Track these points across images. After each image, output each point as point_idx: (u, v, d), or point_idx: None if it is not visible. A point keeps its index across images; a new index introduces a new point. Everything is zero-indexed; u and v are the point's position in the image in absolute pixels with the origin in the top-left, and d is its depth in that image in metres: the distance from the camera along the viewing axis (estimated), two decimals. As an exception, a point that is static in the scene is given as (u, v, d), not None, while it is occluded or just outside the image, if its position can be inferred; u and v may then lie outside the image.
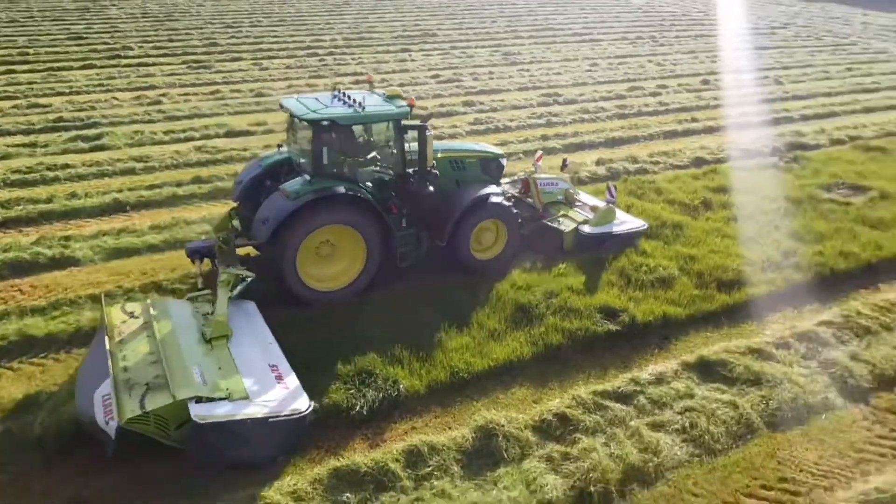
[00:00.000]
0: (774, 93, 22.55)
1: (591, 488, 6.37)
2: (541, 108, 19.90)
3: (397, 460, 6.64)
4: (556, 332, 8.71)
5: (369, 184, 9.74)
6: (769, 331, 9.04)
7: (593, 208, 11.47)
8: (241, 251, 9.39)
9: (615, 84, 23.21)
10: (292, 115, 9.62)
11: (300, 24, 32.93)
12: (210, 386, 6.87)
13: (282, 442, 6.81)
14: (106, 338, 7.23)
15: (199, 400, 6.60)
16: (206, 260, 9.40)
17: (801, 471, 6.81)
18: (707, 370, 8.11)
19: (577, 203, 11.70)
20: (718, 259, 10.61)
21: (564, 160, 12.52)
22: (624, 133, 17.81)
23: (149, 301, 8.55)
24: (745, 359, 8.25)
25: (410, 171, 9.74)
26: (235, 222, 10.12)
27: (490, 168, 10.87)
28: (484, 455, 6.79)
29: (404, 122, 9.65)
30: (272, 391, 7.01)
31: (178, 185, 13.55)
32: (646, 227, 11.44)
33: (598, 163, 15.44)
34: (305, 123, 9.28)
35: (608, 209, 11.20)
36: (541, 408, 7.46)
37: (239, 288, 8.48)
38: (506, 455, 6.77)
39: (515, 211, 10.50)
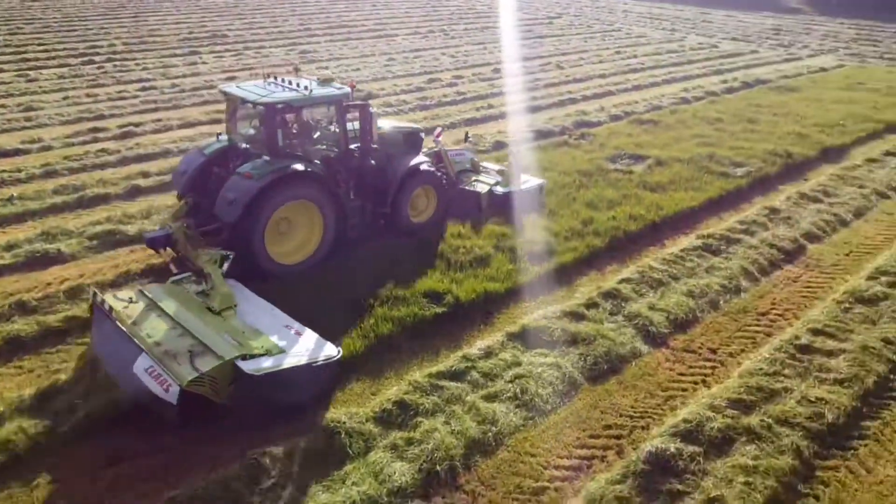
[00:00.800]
0: (557, 77, 24.33)
1: (438, 467, 6.53)
2: (344, 105, 19.82)
3: (238, 477, 6.33)
4: (385, 321, 8.77)
5: (317, 161, 10.27)
6: (578, 294, 9.79)
7: (499, 172, 12.95)
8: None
9: (413, 77, 23.74)
10: (243, 101, 10.06)
11: (70, 30, 29.98)
12: (246, 347, 7.39)
13: (321, 385, 7.58)
14: (117, 322, 7.75)
15: (243, 358, 7.18)
16: (168, 248, 9.93)
17: (621, 416, 7.47)
18: (530, 337, 8.60)
19: (482, 170, 13.07)
20: (528, 234, 11.29)
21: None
22: (428, 123, 18.23)
23: (138, 288, 8.73)
24: (562, 322, 8.87)
25: (353, 147, 10.55)
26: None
27: (412, 141, 11.86)
28: (329, 455, 6.68)
29: (346, 102, 10.33)
30: (300, 344, 7.71)
31: (-62, 216, 11.81)
32: (545, 182, 13.09)
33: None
34: (260, 108, 9.79)
35: (514, 171, 12.64)
36: (380, 398, 7.49)
37: (226, 265, 8.90)
38: (351, 451, 6.71)
39: (443, 178, 11.68)
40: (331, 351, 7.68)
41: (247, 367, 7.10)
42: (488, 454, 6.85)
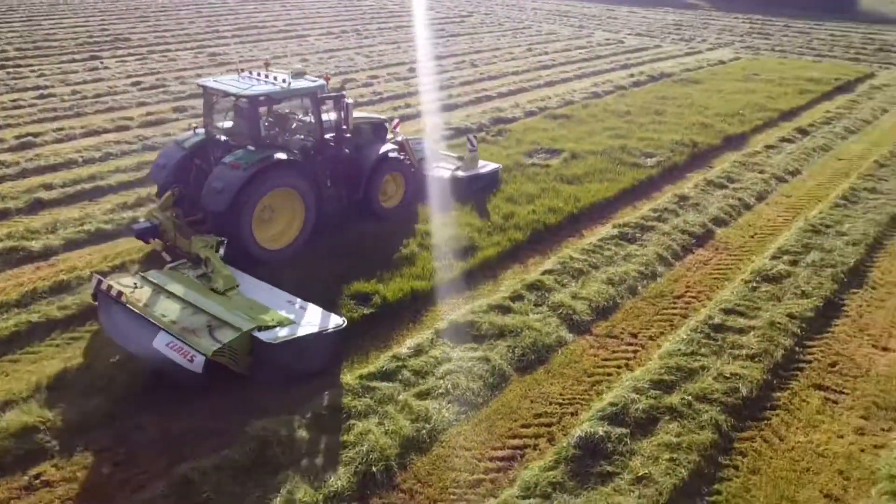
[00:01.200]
0: (472, 75, 24.57)
1: (374, 468, 6.52)
2: (258, 108, 19.39)
3: (166, 497, 6.14)
4: (313, 326, 8.67)
5: (296, 151, 10.71)
6: (503, 287, 9.94)
7: (458, 158, 13.66)
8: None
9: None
10: (225, 94, 10.33)
11: (-47, 36, 28.06)
12: (258, 320, 7.89)
13: (331, 353, 8.12)
14: (128, 305, 8.15)
15: (259, 329, 7.72)
16: (157, 239, 10.25)
17: (550, 404, 7.65)
18: (458, 333, 8.69)
19: (441, 157, 13.77)
20: (451, 230, 11.39)
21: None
22: (345, 124, 18.08)
23: (140, 274, 9.07)
24: (489, 316, 9.00)
25: (328, 136, 11.04)
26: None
27: (378, 131, 12.45)
28: (262, 465, 6.56)
29: (322, 94, 10.83)
30: (307, 316, 8.22)
31: None
32: (500, 167, 13.89)
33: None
34: (243, 101, 10.19)
35: (472, 156, 13.40)
36: (311, 404, 7.39)
37: (222, 250, 9.26)
38: (283, 460, 6.61)
39: (410, 165, 12.30)
40: (337, 320, 8.27)
41: (264, 336, 7.65)
42: (423, 451, 6.88)
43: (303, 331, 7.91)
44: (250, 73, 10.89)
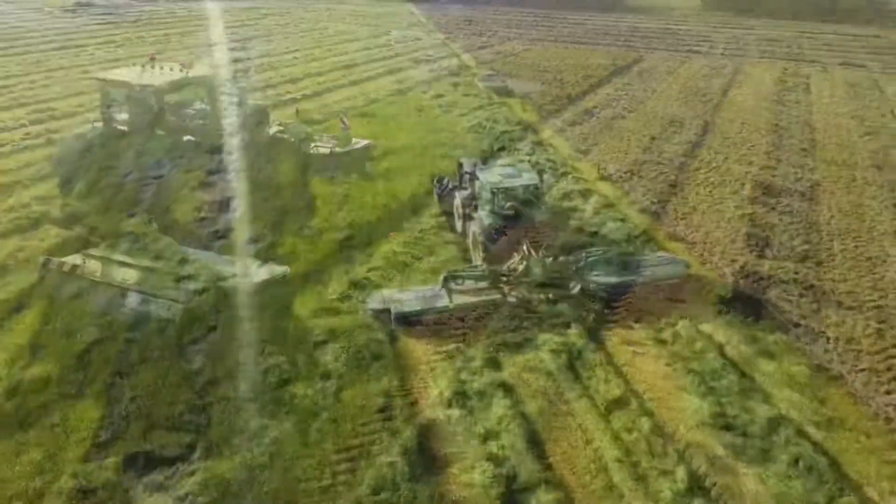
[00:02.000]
0: (274, 78, 23.95)
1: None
2: (36, 126, 17.47)
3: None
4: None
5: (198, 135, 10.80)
6: (331, 289, 9.83)
7: (333, 137, 14.91)
8: None
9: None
10: (129, 86, 10.90)
11: None
12: (216, 274, 8.80)
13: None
14: (86, 276, 8.79)
15: (220, 280, 8.67)
16: None
17: (390, 397, 7.67)
18: (290, 342, 8.47)
19: (316, 137, 14.93)
20: (270, 238, 11.05)
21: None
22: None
23: (82, 252, 9.53)
24: (320, 320, 8.88)
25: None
26: None
27: (263, 115, 13.69)
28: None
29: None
30: (252, 268, 9.30)
31: None
32: (371, 143, 15.23)
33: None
34: (148, 90, 11.07)
35: (345, 135, 14.82)
36: (133, 443, 6.85)
37: (155, 224, 10.03)
38: (112, 504, 6.09)
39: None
40: (283, 268, 9.62)
41: (228, 284, 8.63)
42: (268, 469, 6.64)
43: (257, 278, 8.98)
44: (143, 66, 11.94)
